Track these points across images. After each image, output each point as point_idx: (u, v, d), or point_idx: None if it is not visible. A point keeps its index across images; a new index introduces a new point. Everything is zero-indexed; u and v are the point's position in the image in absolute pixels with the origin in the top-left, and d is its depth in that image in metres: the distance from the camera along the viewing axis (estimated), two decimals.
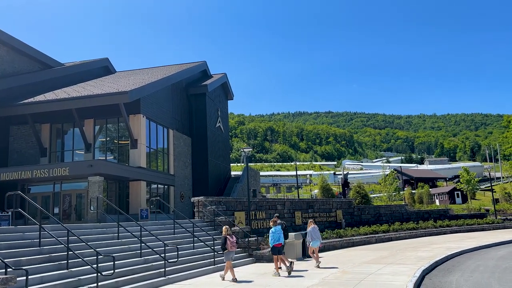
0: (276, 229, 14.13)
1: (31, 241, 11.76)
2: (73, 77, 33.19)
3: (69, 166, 23.48)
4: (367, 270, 13.95)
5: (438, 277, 13.06)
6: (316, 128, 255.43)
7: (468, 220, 35.20)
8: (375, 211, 32.45)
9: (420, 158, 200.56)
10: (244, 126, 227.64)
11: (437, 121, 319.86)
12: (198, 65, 39.14)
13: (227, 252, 13.05)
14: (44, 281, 9.90)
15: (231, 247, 13.07)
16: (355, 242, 23.93)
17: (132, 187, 26.06)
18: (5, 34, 28.08)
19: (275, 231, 14.07)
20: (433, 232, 30.11)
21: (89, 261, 10.92)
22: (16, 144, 28.29)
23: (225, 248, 13.06)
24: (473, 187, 66.95)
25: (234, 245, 13.16)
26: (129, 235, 14.77)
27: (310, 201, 28.99)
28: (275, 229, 14.17)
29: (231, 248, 13.06)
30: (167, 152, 30.63)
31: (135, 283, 11.56)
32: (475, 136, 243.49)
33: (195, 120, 35.68)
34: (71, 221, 23.37)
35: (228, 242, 13.04)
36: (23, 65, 30.26)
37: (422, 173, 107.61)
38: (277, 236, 13.95)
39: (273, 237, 13.95)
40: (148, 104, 27.89)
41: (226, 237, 13.13)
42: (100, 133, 28.19)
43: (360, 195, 37.76)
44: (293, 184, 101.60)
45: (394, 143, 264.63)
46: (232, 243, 13.10)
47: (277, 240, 13.88)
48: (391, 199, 55.94)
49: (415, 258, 16.59)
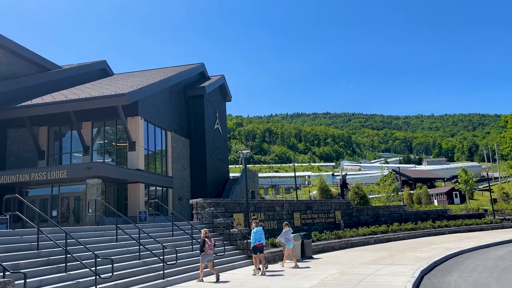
0: (257, 230, 14.71)
1: (30, 244, 11.73)
2: (70, 79, 33.15)
3: (67, 169, 23.42)
4: (366, 271, 13.96)
5: (437, 277, 13.08)
6: (314, 129, 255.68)
7: (467, 220, 35.26)
8: (373, 212, 32.47)
9: (418, 158, 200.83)
10: (242, 128, 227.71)
11: (435, 122, 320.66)
12: (196, 67, 39.13)
13: (204, 254, 13.48)
14: (42, 284, 9.88)
15: (208, 250, 13.51)
16: (354, 243, 23.94)
17: (131, 190, 26.01)
18: (2, 37, 28.03)
19: (257, 232, 14.67)
20: (432, 233, 30.15)
21: (88, 264, 10.90)
22: (13, 147, 28.22)
23: (203, 250, 13.48)
24: (471, 187, 67.04)
25: (211, 248, 13.62)
26: (127, 237, 14.75)
27: (308, 202, 28.99)
28: (256, 229, 14.74)
29: (208, 251, 13.49)
30: (165, 154, 30.59)
31: (134, 285, 11.54)
32: (472, 136, 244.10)
33: (193, 122, 35.67)
34: (70, 224, 23.30)
35: (206, 244, 13.48)
36: (20, 68, 30.21)
37: (420, 173, 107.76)
38: (258, 237, 14.58)
39: (255, 237, 14.58)
40: (146, 106, 27.87)
41: (205, 240, 13.56)
42: (98, 136, 28.15)
43: (358, 196, 37.76)
44: (292, 185, 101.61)
45: (392, 144, 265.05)
46: (209, 246, 13.54)
47: (259, 240, 14.51)
48: (390, 199, 55.94)
49: (414, 259, 16.61)
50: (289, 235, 16.21)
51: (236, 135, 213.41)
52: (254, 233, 14.68)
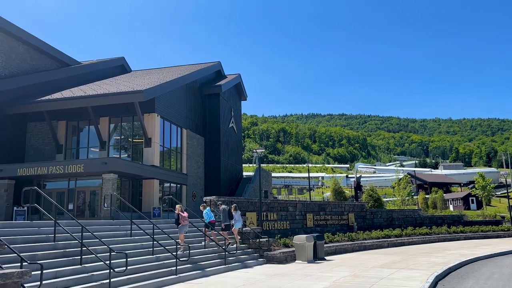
0: (206, 211, 17.26)
1: (46, 236, 11.95)
2: (89, 75, 33.65)
3: (84, 163, 23.79)
4: (379, 274, 13.82)
5: (451, 283, 12.86)
6: (329, 130, 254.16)
7: (483, 226, 34.60)
8: (387, 215, 32.13)
9: (434, 162, 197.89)
10: (256, 127, 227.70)
11: (452, 126, 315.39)
12: (212, 66, 39.29)
13: (181, 226, 15.26)
14: (58, 276, 10.04)
15: (184, 221, 15.32)
16: (367, 245, 23.72)
17: (145, 185, 26.28)
18: (25, 33, 28.62)
19: (206, 212, 17.23)
20: (447, 238, 29.69)
21: (102, 257, 11.04)
22: (33, 140, 28.78)
23: (179, 223, 15.24)
24: (489, 193, 65.65)
25: (186, 219, 15.48)
26: (141, 232, 14.90)
27: (322, 204, 28.84)
28: (206, 211, 17.32)
29: (183, 222, 15.30)
30: (180, 151, 30.80)
31: (147, 280, 11.64)
32: (491, 142, 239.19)
33: (208, 120, 35.83)
34: (85, 217, 23.67)
35: (180, 217, 15.29)
36: (41, 63, 30.80)
37: (436, 177, 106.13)
38: (210, 215, 17.20)
39: (206, 215, 17.19)
40: (162, 103, 28.10)
41: (179, 214, 15.34)
42: (115, 131, 28.50)
43: (372, 198, 37.43)
44: (305, 186, 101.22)
45: (408, 147, 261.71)
46: (183, 218, 15.36)
47: (211, 217, 17.19)
48: (404, 203, 55.24)
49: (428, 264, 16.37)
50: (237, 217, 17.99)
51: (250, 134, 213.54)
52: (205, 214, 17.23)
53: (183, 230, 15.29)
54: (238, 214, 18.13)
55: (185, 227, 15.42)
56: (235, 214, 17.99)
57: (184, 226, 15.35)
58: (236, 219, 17.87)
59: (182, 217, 15.29)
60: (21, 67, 28.70)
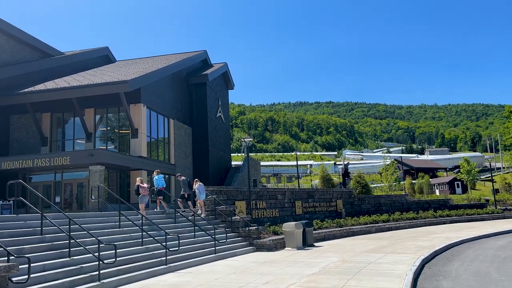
0: (158, 177, 18.18)
1: (33, 230, 11.81)
2: (73, 66, 33.05)
3: (70, 155, 23.51)
4: (367, 259, 14.03)
5: (437, 266, 13.14)
6: (316, 118, 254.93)
7: (468, 210, 35.28)
8: (375, 201, 32.53)
9: (420, 148, 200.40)
10: (244, 116, 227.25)
11: (438, 112, 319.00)
12: (198, 54, 38.94)
13: (141, 196, 16.65)
14: (46, 269, 9.95)
15: (144, 192, 16.71)
16: (355, 231, 24.04)
17: (133, 177, 26.05)
18: (5, 23, 27.89)
19: (158, 179, 18.13)
20: (433, 222, 30.22)
21: (91, 249, 10.96)
22: (16, 133, 28.29)
23: (139, 194, 16.67)
24: (473, 177, 67.00)
25: (146, 190, 16.89)
26: (130, 224, 14.82)
27: (310, 191, 29.05)
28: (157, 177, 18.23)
29: (143, 193, 16.67)
30: (167, 141, 30.62)
31: (137, 271, 11.63)
32: (476, 127, 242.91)
33: (195, 109, 35.62)
34: (73, 210, 23.47)
35: (140, 189, 16.66)
36: (23, 54, 30.11)
37: (423, 163, 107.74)
38: (161, 183, 18.15)
39: (157, 182, 18.06)
40: (148, 93, 27.81)
41: (139, 185, 16.73)
42: (101, 123, 28.16)
43: (360, 185, 37.80)
44: (294, 174, 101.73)
45: (395, 133, 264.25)
46: (143, 189, 16.74)
47: (161, 185, 18.13)
48: (392, 189, 56.01)
49: (415, 248, 16.67)
50: (201, 189, 18.91)
51: (238, 123, 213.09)
52: (155, 180, 18.15)
53: (144, 200, 16.66)
54: (202, 187, 19.15)
55: (145, 197, 16.82)
56: (199, 186, 18.97)
57: (144, 197, 16.75)
58: (200, 191, 18.88)
59: (142, 187, 16.70)
60: (2, 59, 28.02)
